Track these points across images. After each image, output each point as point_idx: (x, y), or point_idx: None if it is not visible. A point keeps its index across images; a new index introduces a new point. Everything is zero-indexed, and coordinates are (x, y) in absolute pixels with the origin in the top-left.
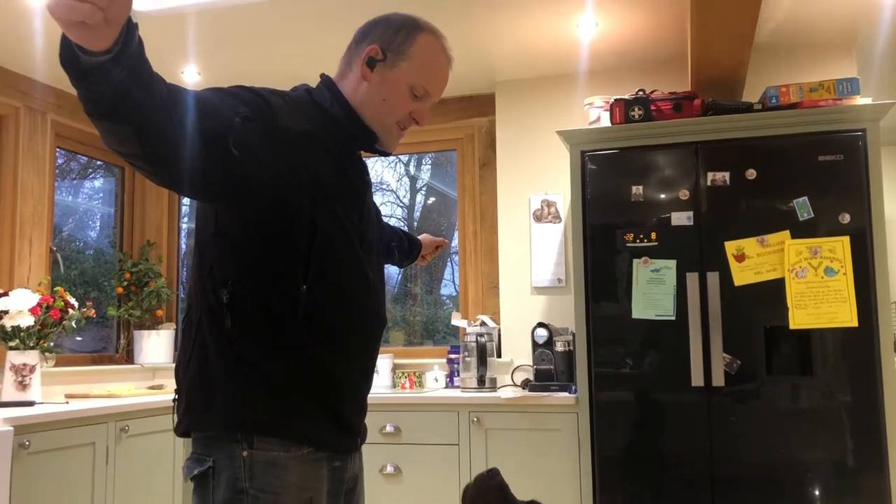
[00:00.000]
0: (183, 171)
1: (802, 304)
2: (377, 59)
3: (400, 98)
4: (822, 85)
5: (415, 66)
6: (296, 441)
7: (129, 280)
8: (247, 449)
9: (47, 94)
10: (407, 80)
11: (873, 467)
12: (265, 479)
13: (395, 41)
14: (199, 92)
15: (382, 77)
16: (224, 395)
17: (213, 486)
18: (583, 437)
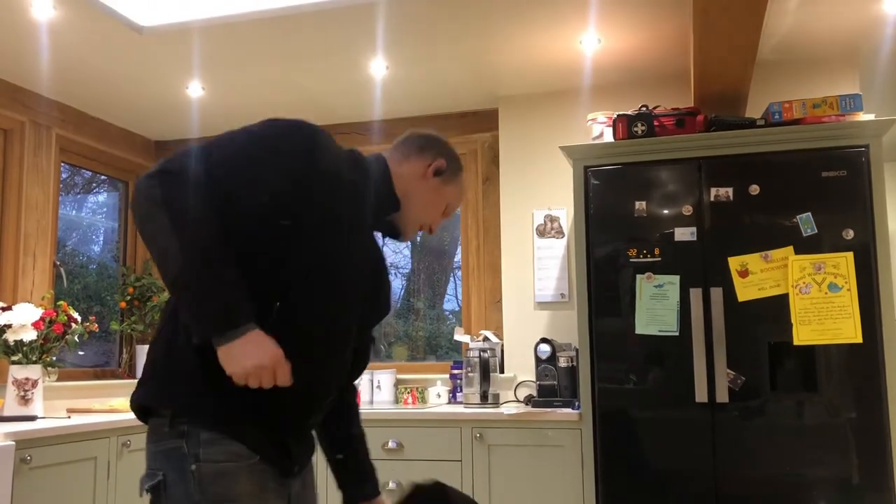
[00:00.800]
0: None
1: (806, 320)
2: (443, 171)
3: (437, 209)
4: (825, 101)
5: (455, 192)
6: (243, 445)
7: (132, 294)
8: (195, 462)
9: (52, 108)
10: (448, 198)
11: (878, 485)
12: (216, 490)
13: (452, 165)
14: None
15: (437, 187)
16: (184, 382)
17: (164, 498)
18: (586, 453)
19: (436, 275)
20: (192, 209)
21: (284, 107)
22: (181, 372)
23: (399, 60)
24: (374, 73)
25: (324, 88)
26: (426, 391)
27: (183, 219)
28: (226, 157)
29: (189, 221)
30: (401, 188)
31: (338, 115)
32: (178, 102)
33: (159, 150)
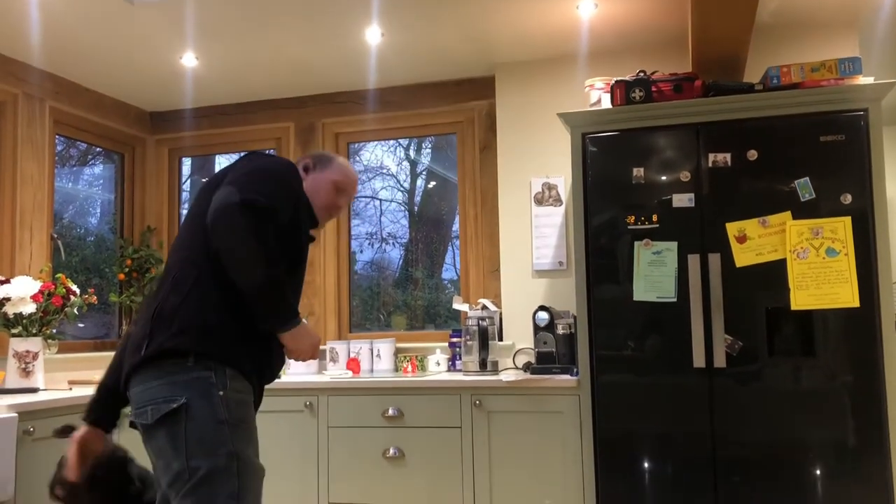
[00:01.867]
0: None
1: (804, 285)
2: (310, 168)
3: (327, 196)
4: (823, 65)
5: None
6: (248, 382)
7: (130, 266)
8: (222, 390)
9: (45, 80)
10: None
11: (874, 448)
12: (239, 413)
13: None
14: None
15: (314, 178)
16: (221, 335)
17: (186, 419)
18: (584, 419)
19: (434, 244)
20: (268, 239)
21: (278, 76)
22: (216, 328)
23: (395, 27)
24: (369, 41)
25: (318, 57)
26: (425, 359)
27: (264, 246)
28: (270, 192)
29: (267, 249)
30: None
31: (333, 84)
32: (172, 73)
33: (154, 121)
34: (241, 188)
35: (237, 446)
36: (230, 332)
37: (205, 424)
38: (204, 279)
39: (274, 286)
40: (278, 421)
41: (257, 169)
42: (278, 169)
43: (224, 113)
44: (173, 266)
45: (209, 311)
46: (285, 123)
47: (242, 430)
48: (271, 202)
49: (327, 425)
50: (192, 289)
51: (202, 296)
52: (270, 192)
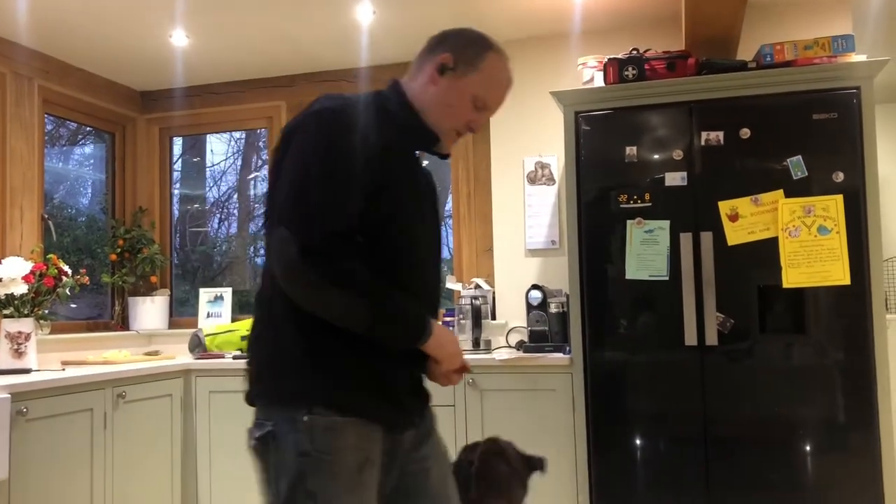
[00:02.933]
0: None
1: (796, 262)
2: (448, 66)
3: (463, 106)
4: (816, 42)
5: (481, 80)
6: (354, 416)
7: (122, 247)
8: (307, 415)
9: (33, 59)
10: (472, 90)
11: (864, 424)
12: (324, 442)
13: (466, 53)
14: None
15: (451, 84)
16: (291, 370)
17: (272, 448)
18: (577, 397)
19: None
20: (344, 273)
21: (270, 54)
22: (287, 364)
23: (386, 5)
24: (360, 19)
25: (309, 34)
26: None
27: (351, 286)
28: (327, 202)
29: (350, 286)
30: (419, 102)
31: (324, 62)
32: (162, 52)
33: (145, 100)
34: (293, 221)
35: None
36: (311, 363)
37: (289, 457)
38: (279, 303)
39: (383, 318)
40: None
41: (301, 170)
42: (317, 147)
43: (215, 92)
44: (261, 276)
45: (280, 347)
46: (277, 102)
47: (327, 464)
48: (331, 226)
49: None
50: (267, 318)
51: (274, 330)
52: (327, 203)
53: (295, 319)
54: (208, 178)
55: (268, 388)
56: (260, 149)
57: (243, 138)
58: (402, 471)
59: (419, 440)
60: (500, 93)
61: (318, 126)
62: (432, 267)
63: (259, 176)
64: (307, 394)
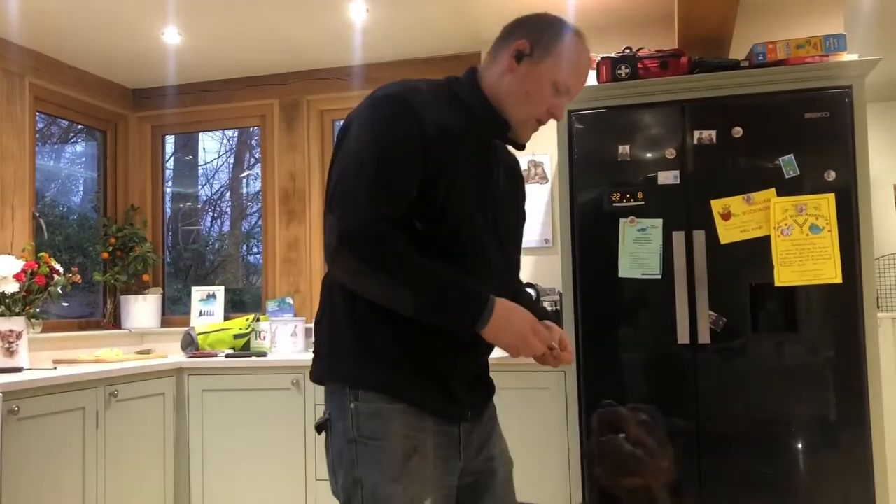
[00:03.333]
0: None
1: (788, 261)
2: (525, 53)
3: (542, 92)
4: (808, 41)
5: (560, 63)
6: (402, 402)
7: (114, 245)
8: (353, 401)
9: (24, 56)
10: (551, 75)
11: (855, 421)
12: (370, 428)
13: (543, 38)
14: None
15: (528, 71)
16: (346, 355)
17: (330, 435)
18: (570, 396)
19: None
20: (384, 259)
21: (262, 52)
22: (340, 347)
23: (379, 3)
24: (353, 17)
25: (302, 33)
26: None
27: (385, 274)
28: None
29: (389, 272)
30: (493, 93)
31: (318, 61)
32: (154, 49)
33: (136, 98)
34: (338, 209)
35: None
36: (362, 349)
37: (340, 443)
38: (338, 289)
39: (431, 304)
40: (265, 399)
41: (352, 158)
42: (373, 133)
43: (207, 90)
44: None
45: (334, 330)
46: (269, 100)
47: (373, 451)
48: (376, 212)
49: (314, 403)
50: (328, 304)
51: (330, 313)
52: (373, 189)
53: (351, 305)
54: (201, 176)
55: (324, 369)
56: (252, 147)
57: (236, 136)
58: (469, 468)
59: (485, 439)
60: (581, 75)
61: (374, 112)
62: (500, 260)
63: (251, 174)
64: (356, 378)
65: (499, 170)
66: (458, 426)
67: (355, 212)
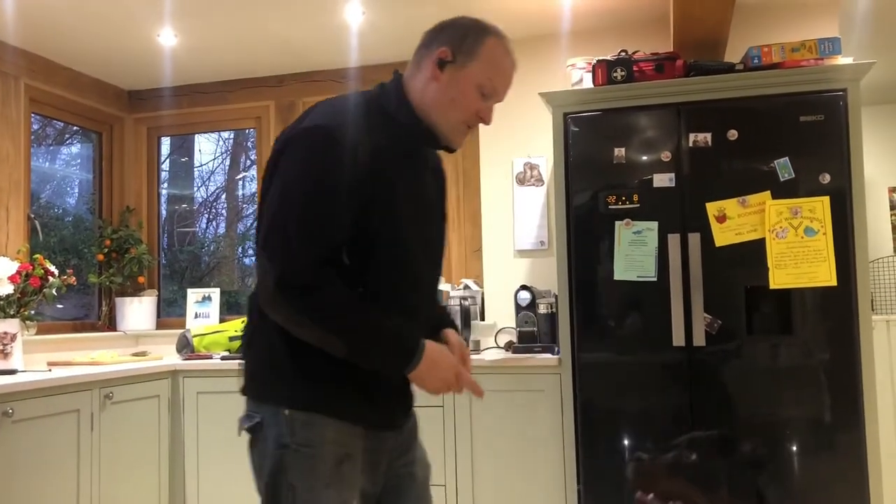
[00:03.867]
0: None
1: (782, 264)
2: (447, 60)
3: (468, 98)
4: (803, 45)
5: (483, 67)
6: (336, 418)
7: (109, 247)
8: (289, 408)
9: (19, 57)
10: (475, 80)
11: (850, 424)
12: (304, 435)
13: (464, 43)
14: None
15: (452, 77)
16: (279, 372)
17: (260, 440)
18: (566, 397)
19: None
20: (318, 308)
21: (258, 54)
22: (282, 364)
23: (375, 6)
24: (349, 19)
25: (298, 35)
26: None
27: (319, 322)
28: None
29: (322, 321)
30: (420, 102)
31: (313, 63)
32: (150, 51)
33: (132, 99)
34: (272, 251)
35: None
36: (292, 366)
37: (272, 448)
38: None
39: (364, 352)
40: None
41: (285, 197)
42: (303, 172)
43: (203, 91)
44: (256, 276)
45: (261, 349)
46: (265, 102)
47: (306, 458)
48: (310, 257)
49: None
50: (258, 318)
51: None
52: (307, 233)
53: (282, 328)
54: (196, 178)
55: (258, 386)
56: (248, 149)
57: (231, 138)
58: (390, 472)
59: (406, 445)
60: (506, 77)
61: (306, 148)
62: (430, 276)
63: (247, 176)
64: (292, 395)
65: (429, 177)
66: (387, 433)
67: (289, 256)
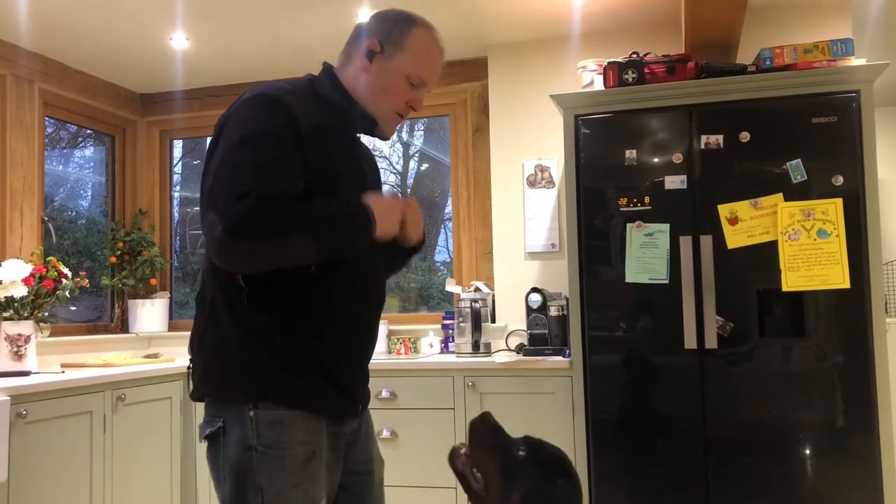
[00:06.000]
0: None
1: (795, 266)
2: (376, 51)
3: (398, 87)
4: (816, 46)
5: (411, 57)
6: (302, 409)
7: (122, 249)
8: (253, 409)
9: (34, 61)
10: (404, 70)
11: (863, 427)
12: (271, 437)
13: (391, 35)
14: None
15: (381, 68)
16: (238, 368)
17: (223, 444)
18: (577, 401)
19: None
20: (268, 225)
21: (269, 57)
22: (237, 360)
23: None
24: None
25: (309, 37)
26: (418, 341)
27: (273, 237)
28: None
29: (276, 233)
30: (354, 91)
31: None
32: (162, 54)
33: (145, 102)
34: (219, 202)
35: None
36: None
37: (236, 452)
38: (220, 302)
39: (328, 238)
40: None
41: (229, 153)
42: (246, 129)
43: (215, 94)
44: (201, 275)
45: (222, 343)
46: None
47: (274, 459)
48: (257, 194)
49: None
50: (208, 318)
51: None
52: (255, 172)
53: (237, 317)
54: None
55: (216, 387)
56: None
57: None
58: (348, 470)
59: (365, 438)
60: (434, 65)
61: (249, 109)
62: (376, 269)
63: None
64: (255, 390)
65: (364, 163)
66: (345, 427)
67: (234, 203)
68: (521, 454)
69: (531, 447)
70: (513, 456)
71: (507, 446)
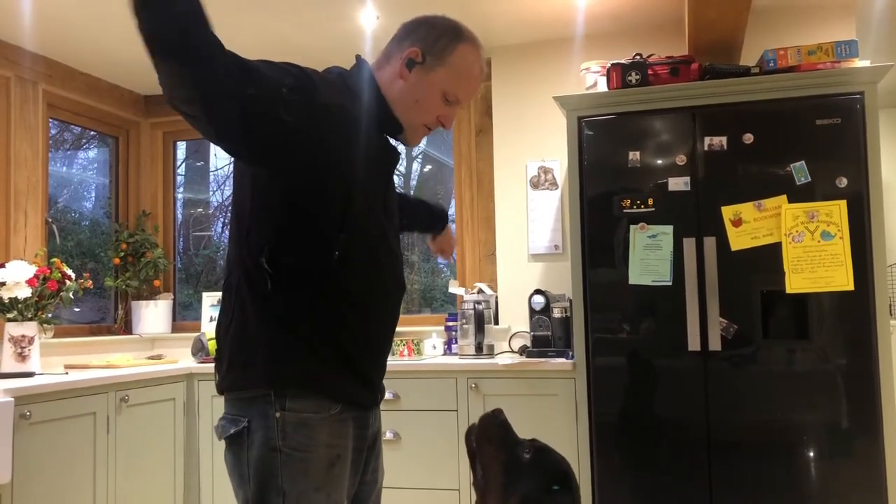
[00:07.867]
0: (232, 124)
1: (799, 268)
2: (417, 61)
3: (432, 101)
4: (820, 48)
5: (451, 74)
6: (327, 398)
7: (125, 251)
8: (279, 410)
9: (38, 63)
10: (441, 85)
11: (867, 430)
12: (297, 439)
13: (436, 46)
14: (247, 59)
15: (419, 79)
16: (262, 354)
17: (247, 444)
18: (580, 402)
19: None
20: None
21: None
22: (262, 347)
23: (390, 10)
24: (363, 24)
25: (312, 39)
26: (422, 343)
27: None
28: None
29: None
30: (387, 94)
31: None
32: None
33: (148, 104)
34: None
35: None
36: (282, 348)
37: (260, 453)
38: (245, 288)
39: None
40: None
41: None
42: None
43: None
44: (226, 264)
45: (249, 334)
46: None
47: (298, 462)
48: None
49: None
50: (234, 306)
51: (241, 319)
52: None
53: (260, 301)
54: (212, 181)
55: (239, 377)
56: None
57: None
58: (363, 478)
59: (378, 449)
60: (472, 86)
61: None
62: (395, 241)
63: None
64: (277, 377)
65: (391, 156)
66: (369, 430)
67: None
68: (525, 456)
69: (537, 451)
70: (517, 456)
71: (513, 446)
